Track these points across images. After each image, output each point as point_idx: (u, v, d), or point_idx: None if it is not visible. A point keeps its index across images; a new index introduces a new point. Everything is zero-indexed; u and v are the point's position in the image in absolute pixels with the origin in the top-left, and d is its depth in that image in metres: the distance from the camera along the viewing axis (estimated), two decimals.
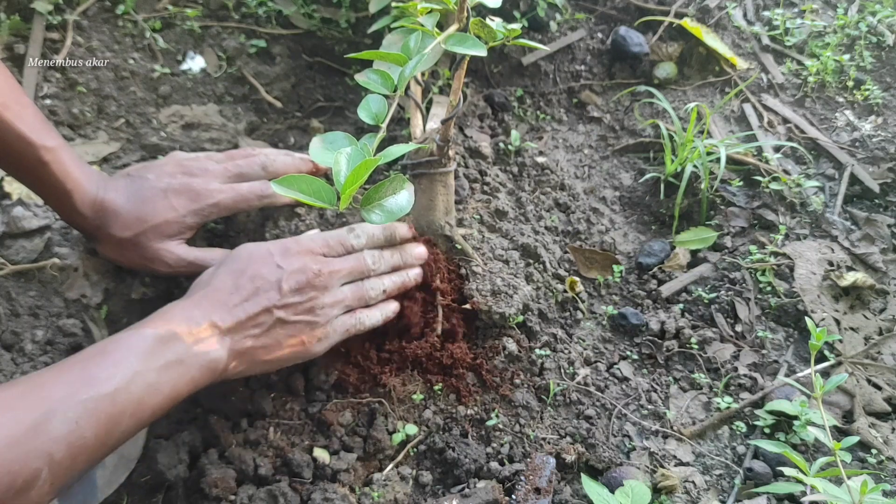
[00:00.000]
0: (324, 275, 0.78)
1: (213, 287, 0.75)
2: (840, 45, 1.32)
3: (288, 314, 0.75)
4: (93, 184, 0.85)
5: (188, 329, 0.70)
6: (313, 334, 0.77)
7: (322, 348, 0.79)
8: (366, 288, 0.83)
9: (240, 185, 0.91)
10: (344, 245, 0.83)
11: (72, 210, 0.84)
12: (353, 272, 0.82)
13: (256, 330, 0.74)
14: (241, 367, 0.74)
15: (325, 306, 0.78)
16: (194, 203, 0.88)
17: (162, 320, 0.70)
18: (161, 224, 0.86)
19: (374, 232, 0.85)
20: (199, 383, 0.70)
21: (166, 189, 0.87)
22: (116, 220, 0.85)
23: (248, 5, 1.22)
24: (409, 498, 0.78)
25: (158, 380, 0.66)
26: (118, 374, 0.64)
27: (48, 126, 0.82)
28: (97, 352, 0.66)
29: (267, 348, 0.75)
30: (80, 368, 0.64)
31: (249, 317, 0.73)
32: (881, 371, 0.94)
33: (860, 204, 1.13)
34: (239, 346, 0.73)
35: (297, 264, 0.77)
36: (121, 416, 0.63)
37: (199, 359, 0.69)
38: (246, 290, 0.74)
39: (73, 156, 0.84)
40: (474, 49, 0.69)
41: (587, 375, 0.90)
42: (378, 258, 0.84)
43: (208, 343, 0.70)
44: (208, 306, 0.73)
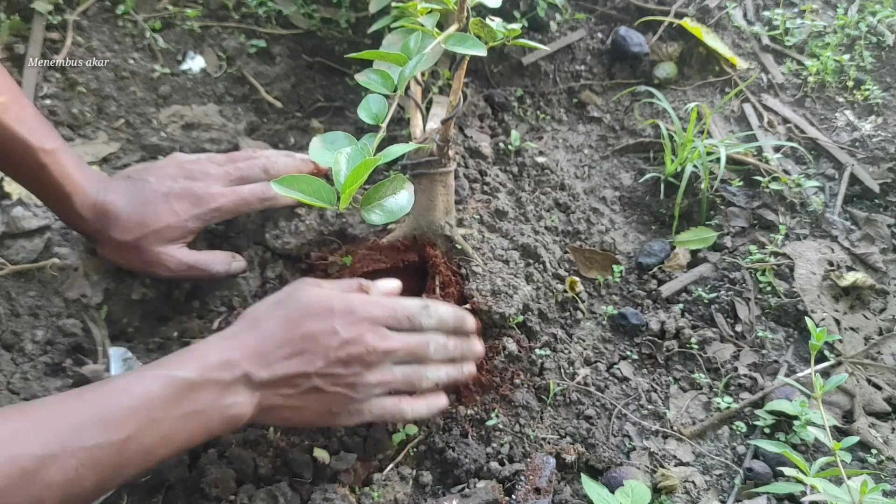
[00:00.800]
0: (378, 353, 0.72)
1: (260, 332, 0.70)
2: (840, 45, 1.32)
3: (326, 384, 0.71)
4: (93, 186, 0.84)
5: (220, 377, 0.66)
6: (345, 408, 0.73)
7: (350, 422, 0.75)
8: (419, 376, 0.76)
9: (241, 188, 0.91)
10: (412, 322, 0.77)
11: (72, 212, 0.84)
12: (410, 355, 0.76)
13: (289, 390, 0.70)
14: (262, 419, 0.72)
15: (368, 385, 0.73)
16: (196, 207, 0.87)
17: (196, 362, 0.67)
18: (162, 228, 0.86)
19: (447, 317, 0.80)
20: (213, 434, 0.67)
21: (168, 193, 0.87)
22: (117, 224, 0.85)
23: (248, 5, 1.22)
24: (409, 498, 0.78)
25: (175, 430, 0.63)
26: (134, 420, 0.61)
27: (48, 128, 0.82)
28: (119, 390, 0.63)
29: (293, 409, 0.71)
30: (96, 406, 0.61)
31: (287, 376, 0.69)
32: (881, 371, 0.94)
33: (860, 204, 1.13)
34: (267, 401, 0.69)
35: (354, 333, 0.71)
36: (124, 466, 0.61)
37: (222, 411, 0.66)
38: (292, 348, 0.70)
39: (73, 158, 0.84)
40: (474, 49, 0.69)
41: (587, 375, 0.90)
42: (441, 347, 0.78)
43: (237, 396, 0.67)
44: (249, 353, 0.69)
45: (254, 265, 0.96)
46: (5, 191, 0.95)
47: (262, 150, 1.01)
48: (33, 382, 0.83)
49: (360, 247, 0.93)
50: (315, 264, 0.95)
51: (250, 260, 0.96)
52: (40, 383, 0.83)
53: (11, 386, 0.82)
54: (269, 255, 0.97)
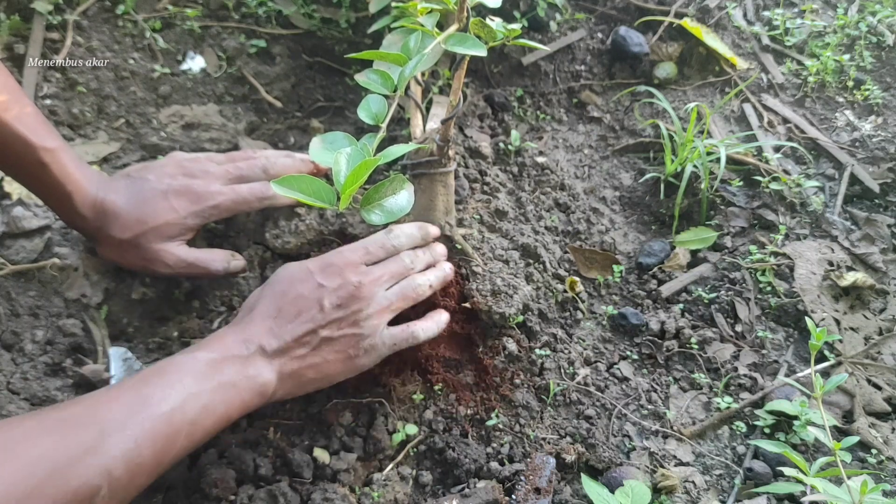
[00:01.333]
0: (365, 285, 0.77)
1: (257, 312, 0.75)
2: (840, 45, 1.32)
3: (333, 331, 0.75)
4: (93, 185, 0.85)
5: (239, 353, 0.71)
6: (359, 346, 0.77)
7: (370, 360, 0.78)
8: (412, 286, 0.81)
9: (240, 187, 0.91)
10: (385, 248, 0.82)
11: (72, 211, 0.84)
12: (395, 275, 0.81)
13: (303, 350, 0.74)
14: (291, 388, 0.75)
15: (370, 317, 0.77)
16: (195, 205, 0.88)
17: (214, 344, 0.72)
18: (161, 226, 0.86)
19: (411, 231, 0.85)
20: (249, 406, 0.71)
21: (167, 191, 0.87)
22: (116, 222, 0.85)
23: (248, 5, 1.22)
24: (409, 498, 0.78)
25: (212, 401, 0.67)
26: (173, 394, 0.65)
27: (48, 127, 0.82)
28: (152, 373, 0.67)
29: (314, 367, 0.75)
30: (136, 390, 0.65)
31: (295, 339, 0.74)
32: (881, 371, 0.94)
33: (860, 204, 1.13)
34: (286, 368, 0.73)
35: (338, 280, 0.77)
36: (176, 436, 0.64)
37: (250, 382, 0.70)
38: (289, 313, 0.75)
39: (73, 157, 0.84)
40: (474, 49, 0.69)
41: (587, 375, 0.90)
42: (414, 257, 0.83)
43: (258, 367, 0.72)
44: (255, 331, 0.73)
45: (254, 265, 0.96)
46: (5, 191, 0.95)
47: (261, 150, 1.02)
48: (33, 382, 0.83)
49: None
50: None
51: (250, 259, 0.96)
52: (40, 383, 0.83)
53: (11, 386, 0.82)
54: (269, 255, 0.97)
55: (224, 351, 0.71)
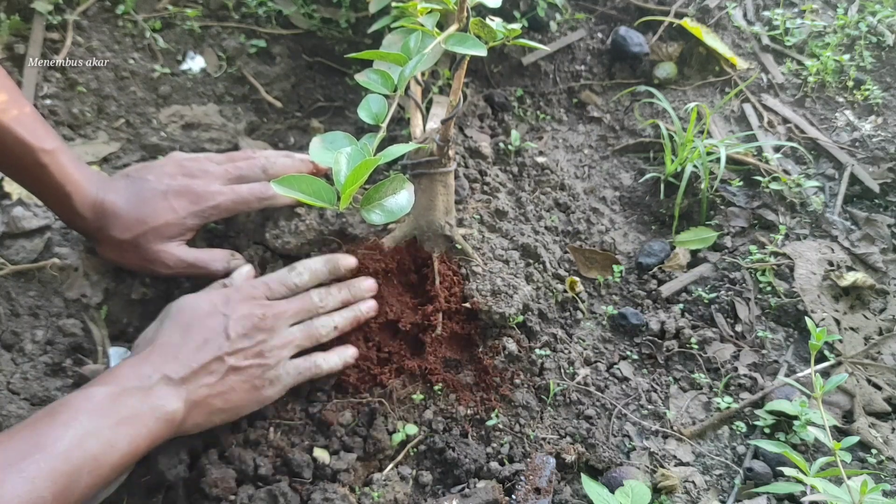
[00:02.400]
0: (269, 318, 0.78)
1: (160, 343, 0.75)
2: (840, 45, 1.32)
3: (239, 360, 0.75)
4: (92, 185, 0.85)
5: (139, 384, 0.70)
6: (265, 377, 0.77)
7: (275, 392, 0.79)
8: (315, 326, 0.82)
9: (240, 187, 0.91)
10: (286, 285, 0.83)
11: (72, 212, 0.84)
12: (300, 312, 0.82)
13: (210, 378, 0.74)
14: (199, 419, 0.74)
15: (273, 348, 0.78)
16: (194, 205, 0.88)
17: (112, 378, 0.70)
18: (161, 226, 0.86)
19: (316, 267, 0.86)
20: (157, 437, 0.70)
21: (166, 191, 0.87)
22: (116, 222, 0.85)
23: (248, 5, 1.22)
24: (409, 498, 0.78)
25: (114, 436, 0.66)
26: (69, 433, 0.63)
27: (47, 128, 0.82)
28: (45, 415, 0.65)
29: (222, 396, 0.74)
30: (27, 434, 0.63)
31: (202, 366, 0.73)
32: (881, 371, 0.94)
33: (860, 204, 1.13)
34: (194, 395, 0.72)
35: (243, 311, 0.78)
36: (77, 475, 0.62)
37: (155, 412, 0.69)
38: (195, 341, 0.75)
39: (73, 158, 0.84)
40: (474, 49, 0.69)
41: (587, 375, 0.90)
42: (325, 295, 0.84)
43: (163, 396, 0.70)
44: (158, 360, 0.72)
45: (254, 265, 0.96)
46: (5, 191, 0.95)
47: (261, 150, 1.01)
48: (33, 382, 0.83)
49: (360, 247, 0.93)
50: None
51: (250, 259, 0.96)
52: (40, 383, 0.83)
53: (11, 386, 0.82)
54: (269, 255, 0.97)
55: (123, 383, 0.69)
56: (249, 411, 0.78)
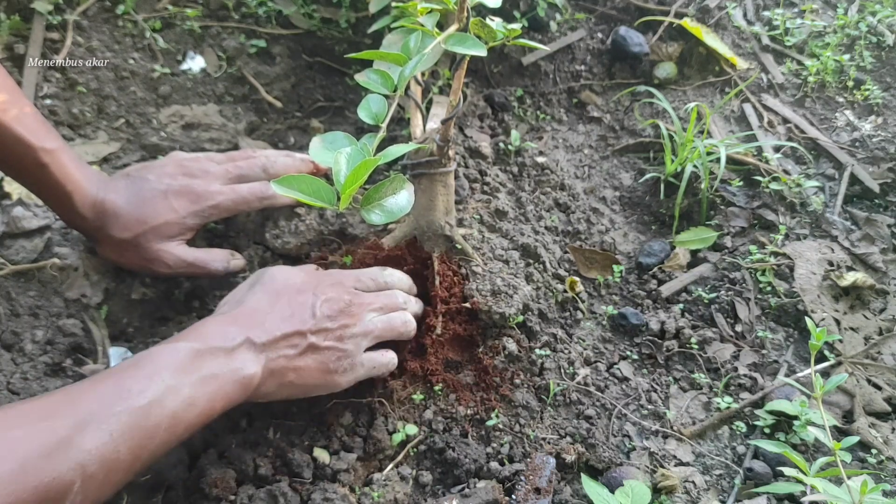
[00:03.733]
0: (355, 304, 0.79)
1: (248, 305, 0.75)
2: (840, 45, 1.32)
3: (319, 339, 0.75)
4: (93, 185, 0.85)
5: (224, 343, 0.70)
6: (340, 364, 0.77)
7: (346, 380, 0.79)
8: (401, 319, 0.83)
9: (240, 187, 0.91)
10: (376, 281, 0.85)
11: (72, 211, 0.84)
12: (385, 307, 0.83)
13: (290, 350, 0.74)
14: (272, 388, 0.74)
15: (355, 335, 0.78)
16: (194, 204, 0.88)
17: (197, 334, 0.70)
18: (161, 225, 0.86)
19: (403, 277, 0.88)
20: (232, 399, 0.70)
21: (166, 190, 0.87)
22: (117, 222, 0.85)
23: (248, 5, 1.22)
24: (409, 498, 0.78)
25: (193, 394, 0.65)
26: (152, 387, 0.63)
27: (47, 128, 0.82)
28: (131, 364, 0.66)
29: (297, 371, 0.75)
30: (113, 382, 0.63)
31: (284, 336, 0.73)
32: (881, 371, 0.94)
33: (860, 204, 1.13)
34: (273, 364, 0.73)
35: (331, 293, 0.78)
36: (155, 430, 0.62)
37: (234, 374, 0.69)
38: (282, 312, 0.75)
39: (73, 157, 0.84)
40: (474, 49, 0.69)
41: (587, 375, 0.90)
42: (408, 299, 0.86)
43: (243, 359, 0.70)
44: (244, 322, 0.73)
45: (254, 265, 0.96)
46: (5, 191, 0.95)
47: (261, 149, 1.01)
48: (33, 382, 0.83)
49: (360, 246, 0.93)
50: (315, 264, 0.95)
51: (250, 260, 0.96)
52: (40, 383, 0.83)
53: (11, 386, 0.82)
54: (269, 255, 0.97)
55: (208, 341, 0.69)
56: (318, 393, 0.79)
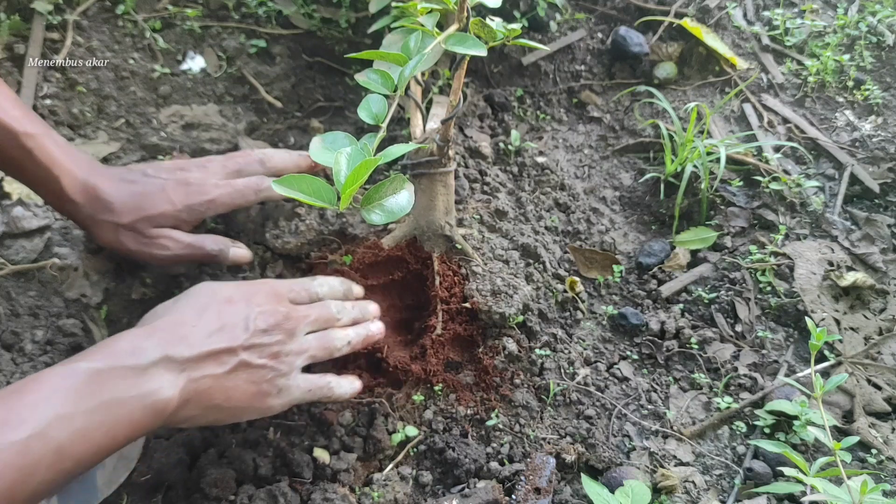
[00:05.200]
0: (292, 318, 0.74)
1: (171, 318, 0.68)
2: (840, 45, 1.32)
3: (252, 356, 0.69)
4: (82, 169, 0.82)
5: (135, 361, 0.62)
6: (274, 384, 0.71)
7: (280, 403, 0.73)
8: (331, 337, 0.78)
9: (236, 181, 0.90)
10: (308, 292, 0.80)
11: (62, 197, 0.82)
12: (320, 320, 0.78)
13: (217, 368, 0.67)
14: (194, 412, 0.66)
15: (290, 353, 0.72)
16: (190, 198, 0.86)
17: (105, 351, 0.63)
18: (156, 216, 0.85)
19: (334, 283, 0.83)
20: (141, 427, 0.62)
21: (163, 183, 0.86)
22: (110, 208, 0.83)
23: (248, 5, 1.22)
24: (409, 498, 0.78)
25: (87, 424, 0.58)
26: (34, 417, 0.55)
27: (29, 114, 0.80)
28: (13, 390, 0.58)
29: (225, 392, 0.67)
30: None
31: (211, 352, 0.66)
32: (881, 371, 0.94)
33: (860, 204, 1.13)
34: (195, 385, 0.65)
35: (267, 305, 0.73)
36: (33, 469, 0.54)
37: (144, 398, 0.61)
38: (211, 325, 0.68)
39: (59, 141, 0.82)
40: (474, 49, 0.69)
41: (587, 375, 0.90)
42: (342, 308, 0.80)
43: (159, 379, 0.62)
44: (164, 337, 0.65)
45: (254, 265, 0.96)
46: (5, 191, 0.95)
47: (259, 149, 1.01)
48: None
49: (359, 246, 0.93)
50: (315, 264, 0.95)
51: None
52: None
53: None
54: (270, 255, 0.97)
55: (113, 360, 0.61)
56: (248, 418, 0.73)
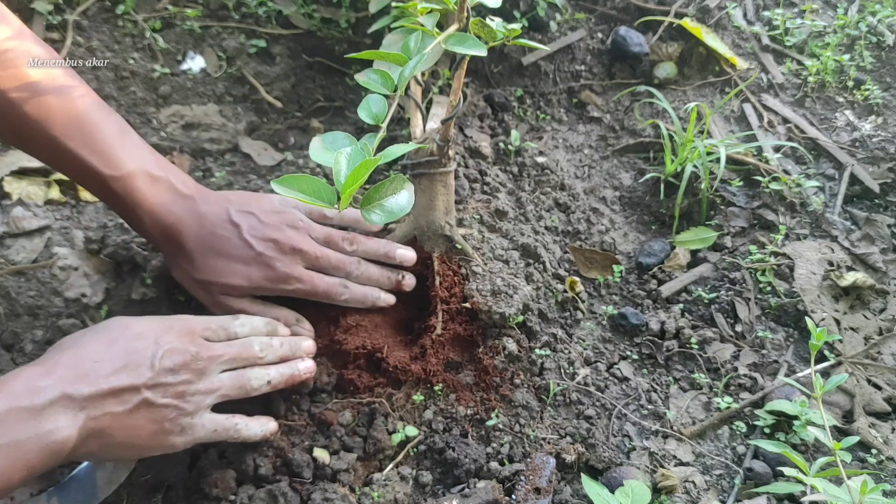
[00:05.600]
0: (203, 359, 0.71)
1: (75, 352, 0.66)
2: (840, 45, 1.32)
3: (156, 395, 0.67)
4: (171, 213, 0.80)
5: (31, 402, 0.60)
6: (177, 422, 0.69)
7: (183, 441, 0.70)
8: (248, 377, 0.75)
9: (319, 281, 0.84)
10: (227, 331, 0.77)
11: (146, 234, 0.83)
12: (237, 359, 0.75)
13: (119, 407, 0.65)
14: (93, 448, 0.65)
15: (197, 393, 0.70)
16: (269, 283, 0.82)
17: (1, 391, 0.61)
18: (230, 286, 0.82)
19: (258, 324, 0.80)
20: (36, 469, 0.60)
21: (251, 256, 0.81)
22: (189, 260, 0.81)
23: (248, 5, 1.22)
24: (409, 498, 0.78)
25: None
26: None
27: (122, 148, 0.78)
28: None
29: (125, 431, 0.65)
30: None
31: (113, 390, 0.64)
32: (881, 371, 0.94)
33: (860, 204, 1.13)
34: (95, 424, 0.63)
35: (176, 343, 0.70)
36: None
37: (41, 439, 0.59)
38: (115, 363, 0.66)
39: (148, 181, 0.79)
40: (474, 49, 0.69)
41: (587, 375, 0.90)
42: (267, 346, 0.78)
43: (55, 419, 0.61)
44: (64, 374, 0.63)
45: None
46: (5, 191, 0.95)
47: (361, 239, 0.90)
48: None
49: None
50: None
51: None
52: None
53: None
54: None
55: (11, 400, 0.60)
56: (150, 454, 0.70)
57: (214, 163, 1.09)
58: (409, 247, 0.90)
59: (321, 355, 0.86)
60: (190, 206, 0.81)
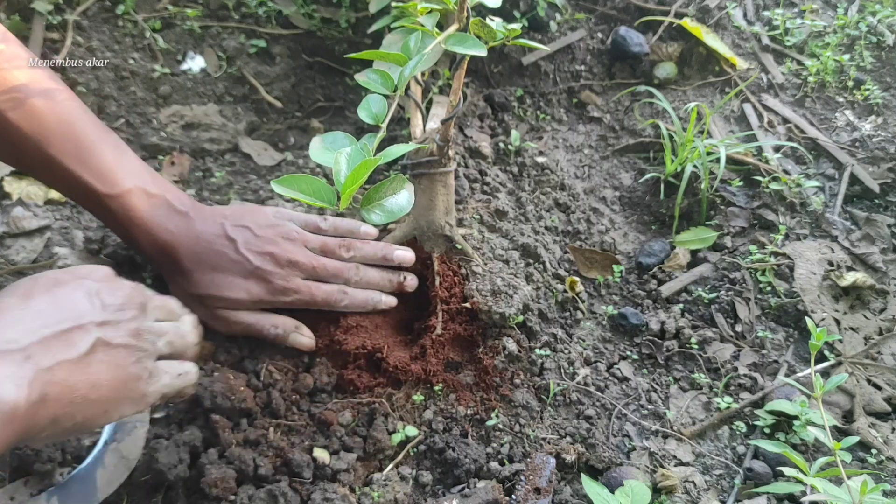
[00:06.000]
0: (137, 296, 0.65)
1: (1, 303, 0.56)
2: (840, 45, 1.32)
3: (110, 333, 0.59)
4: (167, 231, 0.79)
5: None
6: (143, 365, 0.62)
7: (154, 390, 0.63)
8: (182, 325, 0.70)
9: (317, 290, 0.84)
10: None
11: (141, 251, 0.83)
12: (163, 308, 0.70)
13: (71, 351, 0.55)
14: (55, 411, 0.54)
15: (150, 332, 0.64)
16: (269, 295, 0.82)
17: None
18: (228, 299, 0.82)
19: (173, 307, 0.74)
20: None
21: (248, 270, 0.81)
22: (186, 278, 0.81)
23: (248, 5, 1.22)
24: (409, 498, 0.78)
25: None
26: None
27: (119, 166, 0.77)
28: None
29: (88, 379, 0.56)
30: None
31: (57, 333, 0.55)
32: (881, 371, 0.94)
33: (860, 204, 1.13)
34: (48, 376, 0.53)
35: (115, 284, 0.64)
36: None
37: None
38: (47, 303, 0.57)
39: (144, 199, 0.78)
40: (474, 49, 0.69)
41: (587, 375, 0.90)
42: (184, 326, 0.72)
43: None
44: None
45: None
46: (5, 191, 0.95)
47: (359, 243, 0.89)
48: None
49: None
50: None
51: None
52: None
53: None
54: None
55: None
56: (124, 413, 0.61)
57: (214, 163, 1.09)
58: (407, 247, 0.90)
59: (321, 355, 0.86)
60: (186, 222, 0.81)
